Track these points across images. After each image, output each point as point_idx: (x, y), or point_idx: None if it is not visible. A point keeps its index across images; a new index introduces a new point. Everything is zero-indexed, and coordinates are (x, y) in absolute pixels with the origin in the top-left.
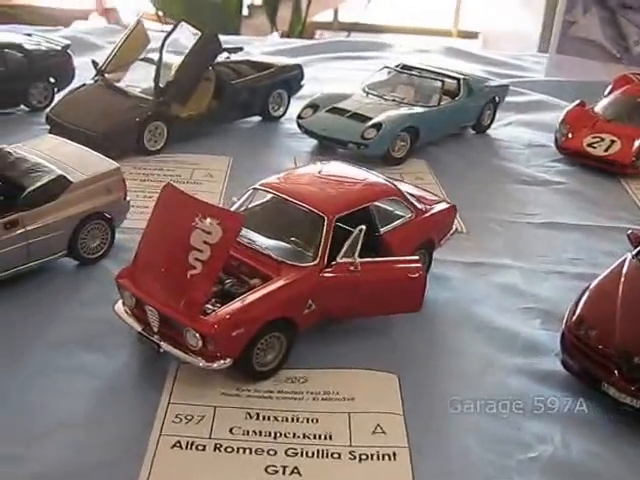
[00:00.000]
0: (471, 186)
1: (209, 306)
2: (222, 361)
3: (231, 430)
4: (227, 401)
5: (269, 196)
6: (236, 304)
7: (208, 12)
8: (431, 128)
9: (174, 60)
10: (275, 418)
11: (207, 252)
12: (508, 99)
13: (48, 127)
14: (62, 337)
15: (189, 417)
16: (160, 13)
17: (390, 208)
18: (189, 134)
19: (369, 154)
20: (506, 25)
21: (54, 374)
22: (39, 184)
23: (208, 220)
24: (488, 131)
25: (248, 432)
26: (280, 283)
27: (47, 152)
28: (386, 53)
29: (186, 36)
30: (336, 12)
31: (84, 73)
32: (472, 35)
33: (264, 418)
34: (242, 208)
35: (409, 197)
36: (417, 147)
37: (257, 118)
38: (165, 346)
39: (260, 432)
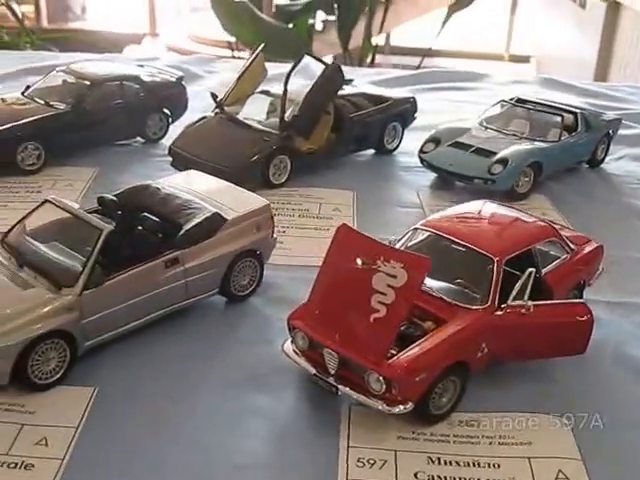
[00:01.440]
0: (597, 223)
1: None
2: (402, 406)
3: (416, 475)
4: (406, 445)
5: (423, 235)
6: (417, 349)
7: (280, 37)
8: (552, 163)
9: (295, 93)
10: (457, 463)
11: (391, 296)
12: None
13: (167, 159)
14: (226, 377)
15: (371, 461)
16: (232, 39)
17: (546, 249)
18: (308, 168)
19: (495, 189)
20: (557, 49)
21: (224, 414)
22: (197, 221)
23: (392, 263)
24: (602, 165)
25: (433, 477)
26: (457, 327)
27: (195, 188)
28: (483, 84)
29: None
30: (388, 36)
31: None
32: (524, 59)
33: (445, 463)
34: (402, 248)
35: (564, 238)
36: (538, 182)
37: (371, 151)
38: (343, 389)
39: (445, 477)
